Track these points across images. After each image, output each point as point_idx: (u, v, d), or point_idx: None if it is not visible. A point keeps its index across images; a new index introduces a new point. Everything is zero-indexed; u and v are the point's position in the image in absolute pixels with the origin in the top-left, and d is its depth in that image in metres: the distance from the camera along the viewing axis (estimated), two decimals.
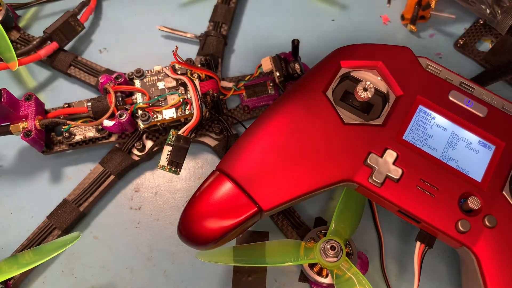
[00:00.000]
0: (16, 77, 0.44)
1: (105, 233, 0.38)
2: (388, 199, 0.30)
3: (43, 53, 0.40)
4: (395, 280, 0.37)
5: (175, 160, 0.29)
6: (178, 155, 0.29)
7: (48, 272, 0.37)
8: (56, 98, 0.42)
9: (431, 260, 0.37)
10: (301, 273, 0.37)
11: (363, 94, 0.32)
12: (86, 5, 0.44)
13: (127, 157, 0.39)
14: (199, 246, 0.30)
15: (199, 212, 0.29)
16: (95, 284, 0.37)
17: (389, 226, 0.38)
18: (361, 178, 0.30)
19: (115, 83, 0.38)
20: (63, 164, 0.40)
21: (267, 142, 0.30)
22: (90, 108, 0.37)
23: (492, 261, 0.29)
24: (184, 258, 0.37)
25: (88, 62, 0.42)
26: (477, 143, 0.32)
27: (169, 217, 0.39)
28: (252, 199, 0.29)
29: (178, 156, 0.28)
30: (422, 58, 0.34)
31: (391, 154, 0.31)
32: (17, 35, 0.43)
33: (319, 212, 0.39)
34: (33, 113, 0.37)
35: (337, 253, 0.32)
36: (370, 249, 0.38)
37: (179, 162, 0.29)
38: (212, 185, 0.29)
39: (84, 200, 0.38)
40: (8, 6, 0.42)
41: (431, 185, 0.30)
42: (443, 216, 0.30)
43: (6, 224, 0.39)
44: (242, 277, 0.37)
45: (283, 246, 0.34)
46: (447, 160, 0.31)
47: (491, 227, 0.29)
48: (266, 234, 0.38)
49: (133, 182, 0.40)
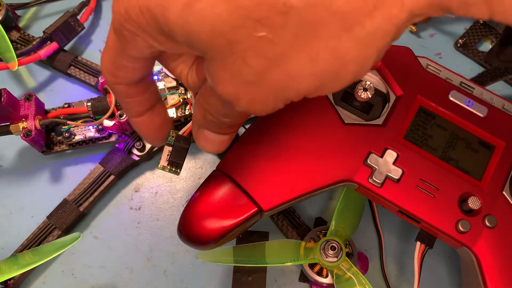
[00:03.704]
0: (16, 77, 0.44)
1: (105, 233, 0.38)
2: (388, 199, 0.30)
3: (43, 53, 0.40)
4: (395, 280, 0.37)
5: (175, 160, 0.29)
6: (178, 155, 0.29)
7: (48, 272, 0.37)
8: (56, 98, 0.42)
9: (431, 260, 0.37)
10: (301, 273, 0.37)
11: (363, 94, 0.32)
12: (86, 5, 0.44)
13: (127, 157, 0.39)
14: (199, 246, 0.30)
15: (199, 212, 0.29)
16: (95, 284, 0.37)
17: (389, 226, 0.38)
18: (361, 178, 0.30)
19: None
20: (63, 164, 0.40)
21: (267, 142, 0.30)
22: (90, 108, 0.37)
23: (492, 261, 0.29)
24: (184, 258, 0.37)
25: (88, 62, 0.42)
26: (477, 143, 0.32)
27: (169, 217, 0.39)
28: (252, 199, 0.29)
29: (178, 156, 0.29)
30: (422, 58, 0.34)
31: (391, 154, 0.31)
32: (17, 35, 0.43)
33: (319, 212, 0.39)
34: (33, 113, 0.37)
35: (337, 253, 0.32)
36: (370, 249, 0.38)
37: (179, 163, 0.29)
38: (212, 185, 0.29)
39: (84, 200, 0.38)
40: (8, 6, 0.42)
41: (431, 185, 0.30)
42: (443, 216, 0.30)
43: (6, 224, 0.39)
44: (242, 277, 0.37)
45: (283, 246, 0.34)
46: (447, 160, 0.31)
47: (491, 227, 0.29)
48: (266, 234, 0.38)
49: (133, 182, 0.40)
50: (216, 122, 0.25)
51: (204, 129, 0.26)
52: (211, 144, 0.27)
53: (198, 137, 0.27)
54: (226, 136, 0.26)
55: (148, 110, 0.27)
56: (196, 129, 0.26)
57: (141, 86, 0.25)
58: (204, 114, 0.25)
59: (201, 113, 0.25)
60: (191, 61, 0.25)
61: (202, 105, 0.24)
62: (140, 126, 0.27)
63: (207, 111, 0.25)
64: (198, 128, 0.26)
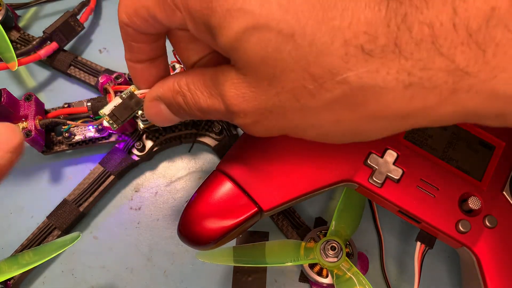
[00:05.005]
0: (16, 77, 0.44)
1: (105, 233, 0.38)
2: (388, 199, 0.30)
3: (43, 53, 0.40)
4: (395, 280, 0.37)
5: (117, 115, 0.28)
6: (122, 112, 0.28)
7: (48, 272, 0.37)
8: (56, 98, 0.42)
9: (431, 260, 0.37)
10: (301, 273, 0.37)
11: None
12: (86, 5, 0.44)
13: (127, 157, 0.39)
14: (199, 246, 0.30)
15: (199, 212, 0.29)
16: (95, 284, 0.37)
17: (389, 226, 0.38)
18: (361, 178, 0.30)
19: (115, 83, 0.38)
20: (63, 164, 0.40)
21: (267, 142, 0.30)
22: (90, 108, 0.37)
23: (493, 261, 0.29)
24: (184, 258, 0.37)
25: (88, 62, 0.42)
26: (477, 143, 0.32)
27: (169, 217, 0.39)
28: (252, 199, 0.29)
29: (121, 112, 0.27)
30: None
31: (391, 154, 0.31)
32: (17, 35, 0.43)
33: (319, 212, 0.39)
34: (33, 113, 0.37)
35: (337, 253, 0.32)
36: (370, 249, 0.38)
37: (119, 119, 0.28)
38: (212, 185, 0.29)
39: (84, 200, 0.38)
40: (8, 6, 0.42)
41: (432, 185, 0.30)
42: (443, 216, 0.30)
43: (6, 224, 0.38)
44: (242, 277, 0.37)
45: (283, 246, 0.34)
46: (447, 160, 0.31)
47: (492, 227, 0.29)
48: (266, 234, 0.38)
49: (133, 182, 0.40)
50: (186, 111, 0.25)
51: (163, 103, 0.25)
52: (162, 119, 0.26)
53: (152, 107, 0.26)
54: (180, 118, 0.26)
55: (148, 60, 0.26)
56: (154, 99, 0.26)
57: (151, 37, 0.24)
58: (177, 97, 0.24)
59: (173, 94, 0.24)
60: (203, 53, 0.25)
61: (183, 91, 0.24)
62: (135, 72, 0.26)
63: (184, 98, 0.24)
64: (156, 99, 0.25)
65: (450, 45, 0.17)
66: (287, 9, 0.19)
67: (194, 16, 0.21)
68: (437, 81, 0.18)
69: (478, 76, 0.17)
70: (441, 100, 0.19)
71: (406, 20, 0.18)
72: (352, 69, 0.19)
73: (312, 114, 0.21)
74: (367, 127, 0.21)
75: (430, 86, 0.18)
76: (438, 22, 0.17)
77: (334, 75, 0.19)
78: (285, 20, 0.19)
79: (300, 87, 0.20)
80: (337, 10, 0.19)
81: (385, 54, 0.18)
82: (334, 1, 0.19)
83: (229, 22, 0.20)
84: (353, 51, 0.18)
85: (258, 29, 0.19)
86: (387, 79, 0.18)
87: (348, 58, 0.19)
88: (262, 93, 0.21)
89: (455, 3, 0.17)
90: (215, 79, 0.23)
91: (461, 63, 0.17)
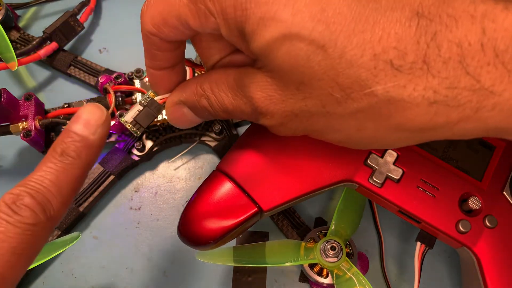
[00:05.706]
0: (15, 77, 0.44)
1: (105, 233, 0.38)
2: (388, 199, 0.30)
3: (43, 53, 0.40)
4: (395, 280, 0.37)
5: (140, 122, 0.28)
6: (145, 118, 0.28)
7: (48, 272, 0.37)
8: (56, 98, 0.42)
9: (431, 260, 0.37)
10: (301, 273, 0.37)
11: None
12: (85, 5, 0.44)
13: (127, 157, 0.39)
14: (199, 246, 0.30)
15: (199, 212, 0.29)
16: (95, 284, 0.37)
17: (389, 226, 0.38)
18: (361, 178, 0.30)
19: (115, 83, 0.38)
20: None
21: (267, 142, 0.30)
22: None
23: (493, 262, 0.29)
24: (184, 258, 0.37)
25: (88, 62, 0.42)
26: (478, 143, 0.32)
27: (169, 217, 0.39)
28: (252, 199, 0.29)
29: (144, 119, 0.28)
30: None
31: (392, 154, 0.31)
32: (17, 35, 0.43)
33: (319, 212, 0.39)
34: (32, 113, 0.37)
35: (337, 253, 0.32)
36: (370, 249, 0.38)
37: (141, 126, 0.29)
38: (212, 186, 0.29)
39: (84, 200, 0.38)
40: (8, 6, 0.42)
41: (432, 185, 0.30)
42: (443, 217, 0.30)
43: None
44: (242, 277, 0.37)
45: (283, 246, 0.34)
46: (448, 160, 0.31)
47: (492, 228, 0.29)
48: (266, 234, 0.38)
49: (133, 182, 0.40)
50: (211, 112, 0.25)
51: (185, 106, 0.26)
52: (185, 121, 0.27)
53: (175, 111, 0.26)
54: (203, 119, 0.26)
55: (170, 67, 0.26)
56: (176, 104, 0.26)
57: (175, 44, 0.25)
58: (201, 100, 0.25)
59: (196, 97, 0.25)
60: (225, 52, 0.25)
61: (207, 94, 0.24)
62: (155, 78, 0.27)
63: (209, 101, 0.24)
64: (179, 104, 0.26)
65: (476, 65, 0.18)
66: (319, 19, 0.19)
67: (229, 23, 0.21)
68: (461, 100, 0.18)
69: (503, 95, 0.18)
70: (464, 117, 0.19)
71: (436, 38, 0.18)
72: (380, 83, 0.19)
73: (336, 120, 0.21)
74: (388, 136, 0.22)
75: (455, 104, 0.18)
76: (466, 41, 0.18)
77: (362, 87, 0.19)
78: (316, 30, 0.19)
79: (327, 94, 0.20)
80: (368, 24, 0.19)
81: (413, 70, 0.18)
82: (366, 15, 0.19)
83: (262, 30, 0.20)
84: (382, 65, 0.19)
85: (289, 38, 0.19)
86: (413, 95, 0.19)
87: (377, 72, 0.19)
88: (289, 96, 0.21)
89: (484, 23, 0.17)
90: (239, 80, 0.23)
91: (486, 82, 0.18)
